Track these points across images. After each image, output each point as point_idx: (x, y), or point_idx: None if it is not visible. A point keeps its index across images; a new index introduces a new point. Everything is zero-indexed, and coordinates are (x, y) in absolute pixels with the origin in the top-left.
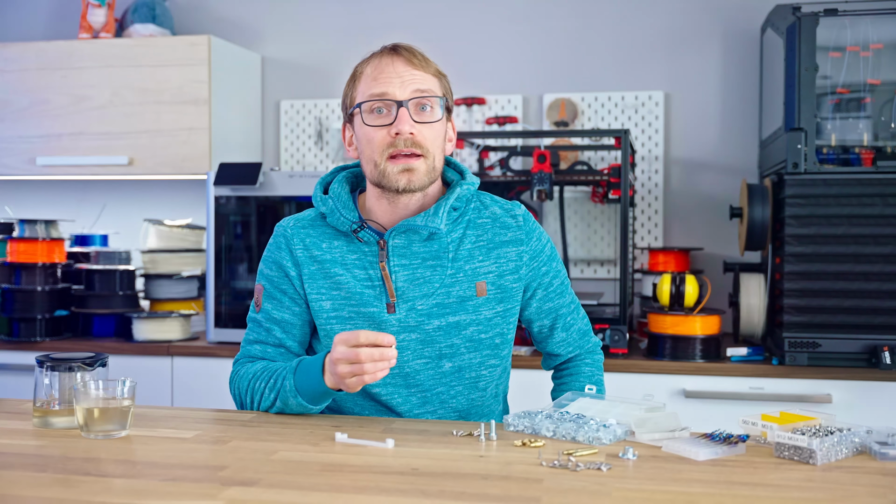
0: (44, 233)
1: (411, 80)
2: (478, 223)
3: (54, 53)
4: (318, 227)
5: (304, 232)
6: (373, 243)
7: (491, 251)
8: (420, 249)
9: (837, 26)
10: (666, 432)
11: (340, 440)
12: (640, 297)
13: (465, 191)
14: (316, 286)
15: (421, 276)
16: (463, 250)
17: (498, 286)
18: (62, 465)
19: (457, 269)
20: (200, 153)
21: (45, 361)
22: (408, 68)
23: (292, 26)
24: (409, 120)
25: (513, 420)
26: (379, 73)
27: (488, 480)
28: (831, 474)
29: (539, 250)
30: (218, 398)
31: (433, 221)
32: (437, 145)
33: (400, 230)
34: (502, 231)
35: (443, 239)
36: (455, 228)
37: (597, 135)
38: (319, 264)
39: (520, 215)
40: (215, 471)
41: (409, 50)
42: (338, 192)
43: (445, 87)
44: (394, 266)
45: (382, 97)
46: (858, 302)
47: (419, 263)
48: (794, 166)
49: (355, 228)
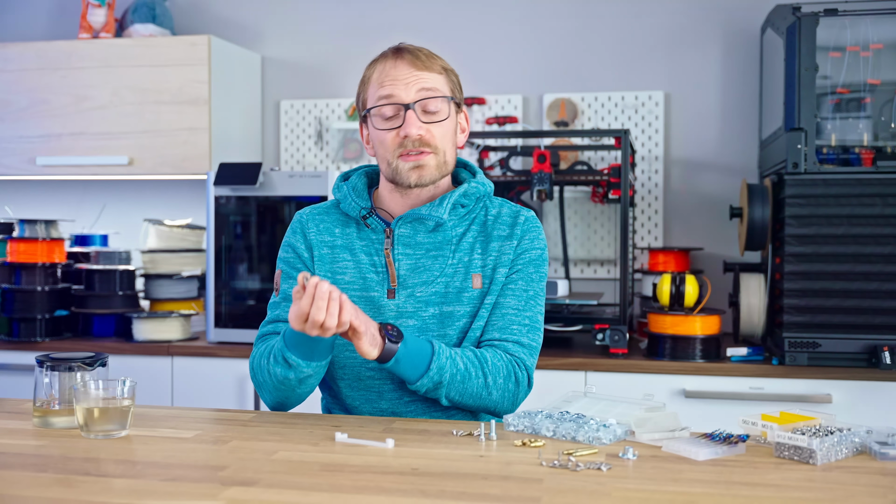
0: (44, 233)
1: (416, 81)
2: (482, 221)
3: (54, 53)
4: (333, 214)
5: (319, 218)
6: (380, 231)
7: (488, 244)
8: (425, 240)
9: (837, 26)
10: (666, 432)
11: (340, 440)
12: (640, 297)
13: (473, 189)
14: (323, 269)
15: (423, 265)
16: (465, 243)
17: (491, 279)
18: (62, 465)
19: (457, 260)
20: (200, 153)
21: (45, 361)
22: (412, 70)
23: (292, 26)
24: (417, 122)
25: (513, 420)
26: (384, 77)
27: (488, 480)
28: (831, 474)
29: (526, 249)
30: (218, 398)
31: (437, 211)
32: (448, 140)
33: (407, 220)
34: (502, 227)
35: (447, 231)
36: (461, 223)
37: (597, 135)
38: (330, 248)
39: (524, 216)
40: (215, 471)
41: (412, 51)
42: (354, 182)
43: (453, 82)
44: (398, 254)
45: (390, 100)
46: (858, 302)
47: (423, 253)
48: (794, 166)
49: (364, 215)
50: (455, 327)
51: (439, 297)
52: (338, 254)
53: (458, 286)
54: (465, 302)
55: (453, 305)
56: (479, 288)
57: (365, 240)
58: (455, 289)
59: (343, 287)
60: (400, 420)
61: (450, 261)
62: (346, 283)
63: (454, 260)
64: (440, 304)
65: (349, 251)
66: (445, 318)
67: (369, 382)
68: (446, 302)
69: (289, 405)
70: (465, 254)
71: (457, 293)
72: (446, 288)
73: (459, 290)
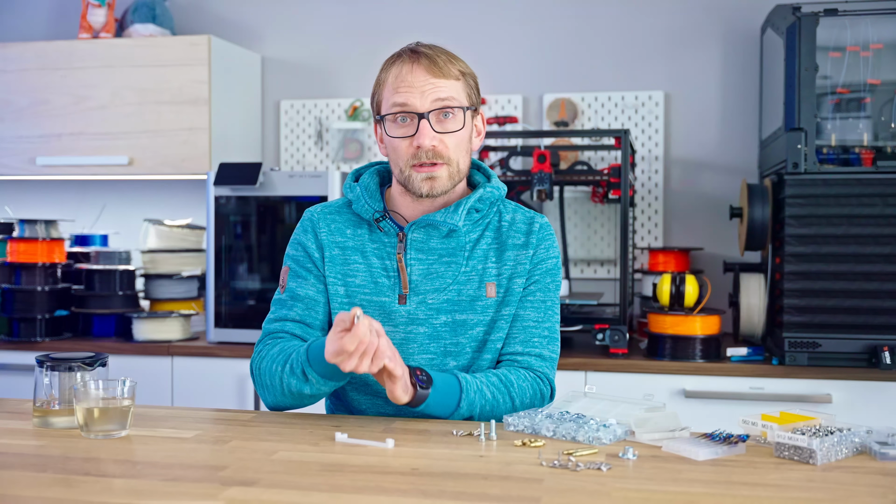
0: (44, 233)
1: (432, 90)
2: (497, 227)
3: (54, 53)
4: (344, 213)
5: (331, 217)
6: (393, 234)
7: (503, 253)
8: (438, 245)
9: (837, 26)
10: (666, 432)
11: (340, 440)
12: (640, 297)
13: (488, 193)
14: (335, 271)
15: (435, 272)
16: (478, 250)
17: (506, 289)
18: (62, 465)
19: (471, 267)
20: (200, 153)
21: (45, 361)
22: (428, 77)
23: (292, 26)
24: (430, 133)
25: (513, 420)
26: (400, 82)
27: (488, 480)
28: (831, 474)
29: (542, 258)
30: (218, 398)
31: (452, 218)
32: (461, 150)
33: (420, 224)
34: (517, 235)
35: (461, 237)
36: (474, 229)
37: (597, 135)
38: (341, 250)
39: (539, 223)
40: (215, 471)
41: (428, 56)
42: (366, 182)
43: (470, 86)
44: (410, 259)
45: (404, 108)
46: (858, 302)
47: (435, 259)
48: (794, 166)
49: (377, 217)
50: (468, 336)
51: (452, 305)
52: (349, 255)
53: (471, 294)
54: (479, 311)
55: (466, 314)
56: (493, 297)
57: (377, 242)
58: (468, 297)
59: (352, 290)
60: (400, 420)
61: (463, 268)
62: (357, 286)
63: (468, 267)
64: (452, 312)
65: (361, 253)
66: (458, 326)
67: (377, 387)
68: (459, 310)
69: (291, 409)
70: (479, 262)
71: (470, 301)
72: (459, 295)
73: (473, 299)
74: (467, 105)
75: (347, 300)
